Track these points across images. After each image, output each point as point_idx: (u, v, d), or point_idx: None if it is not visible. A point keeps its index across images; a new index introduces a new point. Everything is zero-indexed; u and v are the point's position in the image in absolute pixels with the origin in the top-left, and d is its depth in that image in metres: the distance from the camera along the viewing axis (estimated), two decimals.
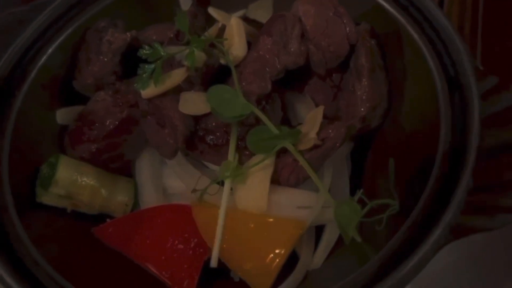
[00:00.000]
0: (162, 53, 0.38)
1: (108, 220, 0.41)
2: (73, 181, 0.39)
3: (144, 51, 0.38)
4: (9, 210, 0.36)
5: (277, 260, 0.35)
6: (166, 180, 0.43)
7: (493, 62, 0.56)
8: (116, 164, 0.42)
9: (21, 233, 0.35)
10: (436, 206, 0.31)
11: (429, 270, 0.37)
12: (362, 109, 0.39)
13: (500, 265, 0.38)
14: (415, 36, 0.40)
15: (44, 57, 0.44)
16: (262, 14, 0.48)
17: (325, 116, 0.42)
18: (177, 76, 0.38)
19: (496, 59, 0.56)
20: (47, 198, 0.39)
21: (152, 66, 0.38)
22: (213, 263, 0.35)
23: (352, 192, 0.40)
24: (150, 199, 0.42)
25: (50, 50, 0.45)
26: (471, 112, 0.34)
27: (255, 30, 0.43)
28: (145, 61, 0.39)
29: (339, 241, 0.37)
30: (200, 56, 0.38)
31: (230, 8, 0.50)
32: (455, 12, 0.60)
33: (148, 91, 0.38)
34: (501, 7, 0.59)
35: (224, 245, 0.35)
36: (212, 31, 0.41)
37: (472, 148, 0.32)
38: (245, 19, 0.47)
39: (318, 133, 0.37)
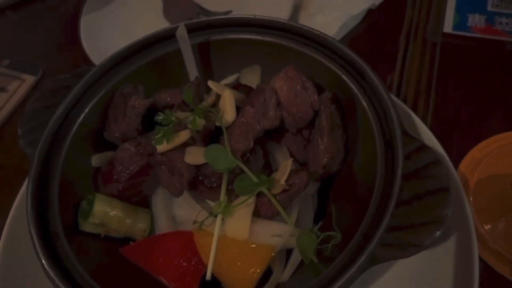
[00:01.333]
0: (172, 119, 0.51)
1: (131, 242, 0.52)
2: (105, 214, 0.51)
3: (160, 117, 0.51)
4: (60, 236, 0.48)
5: (255, 274, 0.46)
6: (175, 211, 0.53)
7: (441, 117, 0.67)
8: (137, 198, 0.54)
9: (69, 253, 0.47)
10: (365, 239, 0.43)
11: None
12: (324, 159, 0.52)
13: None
14: (365, 104, 0.52)
15: (82, 115, 0.56)
16: (251, 78, 0.61)
17: (297, 161, 0.55)
18: (183, 136, 0.50)
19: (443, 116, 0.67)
20: (87, 226, 0.50)
21: (165, 128, 0.51)
22: (208, 276, 0.47)
23: (320, 220, 0.52)
24: (162, 226, 0.53)
25: (86, 110, 0.56)
26: (396, 169, 0.45)
27: (244, 96, 0.55)
28: (160, 124, 0.52)
29: (303, 261, 0.49)
30: (200, 122, 0.51)
31: (228, 72, 0.63)
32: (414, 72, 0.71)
33: (162, 147, 0.50)
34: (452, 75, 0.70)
35: (216, 263, 0.47)
36: (210, 99, 0.54)
37: (394, 197, 0.44)
38: (238, 83, 0.60)
39: (286, 180, 0.49)
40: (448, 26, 0.76)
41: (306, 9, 0.79)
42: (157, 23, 0.72)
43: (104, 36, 0.79)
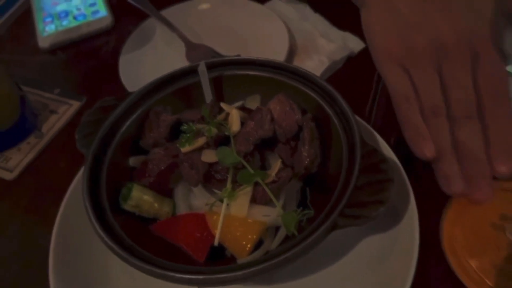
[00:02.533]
0: (193, 129, 0.69)
1: (158, 221, 0.68)
2: (139, 198, 0.66)
3: (184, 127, 0.69)
4: (107, 211, 0.63)
5: (251, 241, 0.61)
6: (191, 201, 0.69)
7: None
8: (164, 190, 0.70)
9: (115, 223, 0.62)
10: (330, 212, 0.59)
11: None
12: (305, 162, 0.69)
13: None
14: (336, 122, 0.69)
15: (124, 128, 0.71)
16: (253, 104, 0.78)
17: (286, 165, 0.72)
18: (201, 141, 0.66)
19: None
20: (126, 206, 0.65)
21: (188, 135, 0.69)
22: (216, 243, 0.61)
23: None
24: (182, 210, 0.68)
25: (128, 123, 0.72)
26: (355, 165, 0.62)
27: (247, 115, 0.73)
28: (184, 132, 0.70)
29: (288, 235, 0.65)
30: (213, 131, 0.68)
31: (235, 100, 0.80)
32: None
33: (185, 149, 0.66)
34: None
35: (222, 234, 0.62)
36: (221, 116, 0.72)
37: (352, 184, 0.60)
38: (243, 107, 0.79)
39: (276, 174, 0.66)
40: None
41: (299, 55, 0.99)
42: (179, 64, 0.90)
43: (138, 72, 0.99)
